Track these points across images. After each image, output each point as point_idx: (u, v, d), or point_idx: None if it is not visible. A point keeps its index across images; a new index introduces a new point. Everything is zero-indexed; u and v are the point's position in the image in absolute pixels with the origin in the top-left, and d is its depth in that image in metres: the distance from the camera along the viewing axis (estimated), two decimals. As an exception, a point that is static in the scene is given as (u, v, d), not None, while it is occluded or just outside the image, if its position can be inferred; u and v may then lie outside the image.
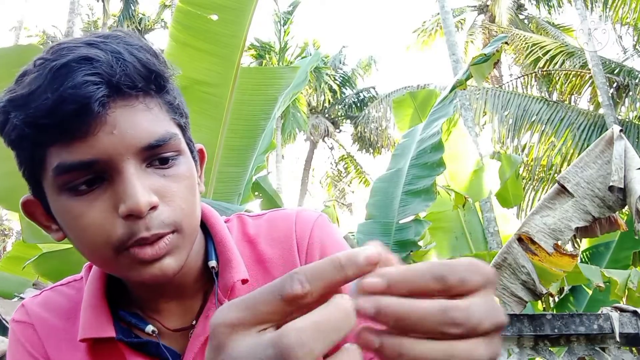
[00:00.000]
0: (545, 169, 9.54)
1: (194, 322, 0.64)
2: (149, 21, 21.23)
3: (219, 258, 0.65)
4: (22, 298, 3.00)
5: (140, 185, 0.53)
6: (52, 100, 0.50)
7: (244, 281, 0.64)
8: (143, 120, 0.54)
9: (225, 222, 0.70)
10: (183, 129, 0.60)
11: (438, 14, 11.65)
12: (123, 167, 0.53)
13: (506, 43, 2.98)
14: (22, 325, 0.66)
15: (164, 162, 0.56)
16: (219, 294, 0.63)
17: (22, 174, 0.59)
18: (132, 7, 20.05)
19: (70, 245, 3.16)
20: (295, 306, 0.32)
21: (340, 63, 19.94)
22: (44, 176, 0.56)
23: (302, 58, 17.37)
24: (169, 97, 0.59)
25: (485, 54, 2.94)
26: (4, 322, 2.63)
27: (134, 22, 20.15)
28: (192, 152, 0.62)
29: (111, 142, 0.52)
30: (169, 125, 0.57)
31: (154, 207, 0.54)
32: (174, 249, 0.56)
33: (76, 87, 0.50)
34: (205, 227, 0.68)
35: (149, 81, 0.55)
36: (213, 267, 0.64)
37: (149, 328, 0.62)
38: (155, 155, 0.55)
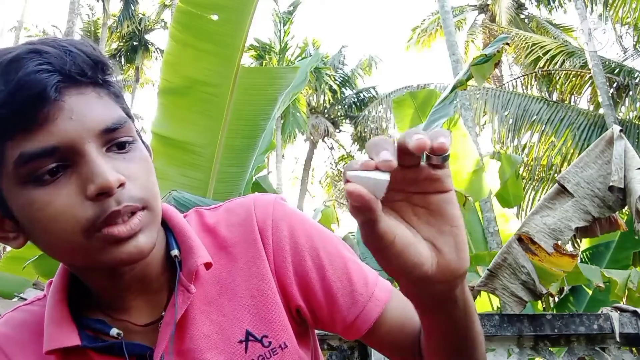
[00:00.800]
0: (545, 169, 9.54)
1: (163, 313, 0.64)
2: (149, 21, 21.23)
3: (181, 247, 0.66)
4: (22, 298, 2.99)
5: (106, 165, 0.55)
6: (7, 90, 0.52)
7: (208, 265, 0.65)
8: (97, 106, 0.57)
9: (184, 217, 0.72)
10: (132, 119, 0.62)
11: (438, 12, 11.65)
12: (85, 150, 0.54)
13: (507, 44, 2.98)
14: None
15: (122, 146, 0.58)
16: (183, 279, 0.63)
17: None
18: (132, 7, 20.05)
19: (70, 245, 3.16)
20: None
21: (340, 63, 19.93)
22: (2, 174, 0.56)
23: (302, 58, 17.39)
24: (114, 88, 0.61)
25: (486, 55, 2.95)
26: (4, 322, 2.62)
27: (134, 22, 20.15)
28: (143, 142, 0.64)
29: (71, 127, 0.54)
30: (119, 111, 0.59)
31: (122, 185, 0.55)
32: (146, 226, 0.57)
33: (30, 74, 0.52)
34: (164, 222, 0.68)
35: (96, 71, 0.58)
36: (176, 256, 0.65)
37: (114, 331, 0.62)
38: (113, 140, 0.57)
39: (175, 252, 0.65)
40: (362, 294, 0.67)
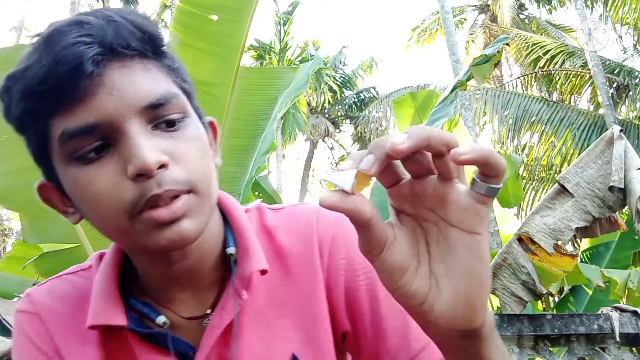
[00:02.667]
0: (545, 169, 9.54)
1: (209, 311, 0.62)
2: (149, 21, 21.19)
3: (238, 247, 0.62)
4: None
5: (147, 144, 0.51)
6: (47, 64, 0.50)
7: (263, 272, 0.61)
8: (142, 80, 0.53)
9: (245, 212, 0.68)
10: (188, 93, 0.58)
11: (438, 12, 11.66)
12: (126, 127, 0.51)
13: (507, 44, 2.98)
14: (27, 315, 0.64)
15: (171, 124, 0.54)
16: (236, 284, 0.60)
17: (34, 160, 0.58)
18: (132, 7, 20.05)
19: (70, 245, 3.16)
20: None
21: (340, 63, 19.93)
22: (51, 151, 0.54)
23: (303, 58, 17.41)
24: (167, 60, 0.57)
25: (486, 55, 2.95)
26: (4, 322, 2.63)
27: (134, 22, 20.13)
28: (200, 117, 0.60)
29: (111, 103, 0.51)
30: (170, 85, 0.55)
31: (163, 166, 0.51)
32: (192, 211, 0.53)
33: (67, 47, 0.49)
34: (223, 214, 0.65)
35: (144, 42, 0.54)
36: (231, 254, 0.61)
37: (160, 319, 0.59)
38: (159, 117, 0.53)
39: (231, 249, 0.62)
40: (416, 340, 0.61)
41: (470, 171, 0.38)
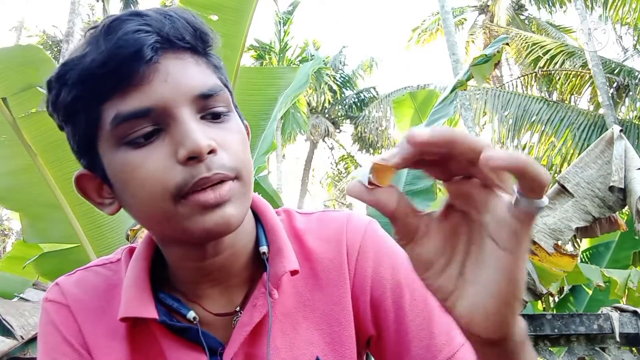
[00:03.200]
0: (545, 169, 9.52)
1: (238, 308, 0.63)
2: (149, 21, 21.23)
3: (270, 246, 0.64)
4: (22, 298, 2.99)
5: (199, 129, 0.53)
6: (107, 49, 0.52)
7: (294, 272, 0.62)
8: (194, 71, 0.56)
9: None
10: (230, 91, 0.61)
11: (438, 13, 11.66)
12: (179, 113, 0.53)
13: (507, 44, 2.98)
14: (56, 305, 0.64)
15: (217, 116, 0.57)
16: (268, 282, 0.61)
17: (73, 149, 0.60)
18: (132, 7, 20.05)
19: (70, 245, 3.16)
20: None
21: (340, 63, 19.93)
22: (99, 136, 0.56)
23: (303, 58, 17.41)
24: (213, 59, 0.60)
25: (486, 55, 2.94)
26: (4, 322, 2.63)
27: (134, 22, 20.16)
28: (240, 117, 0.62)
29: (166, 90, 0.53)
30: (217, 80, 0.58)
31: (213, 151, 0.53)
32: (236, 197, 0.55)
33: (129, 33, 0.52)
34: (255, 215, 0.67)
35: (196, 38, 0.57)
36: (264, 253, 0.63)
37: (191, 314, 0.60)
38: (208, 107, 0.56)
39: (264, 248, 0.63)
40: (440, 351, 0.61)
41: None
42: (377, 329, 0.64)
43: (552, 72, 10.32)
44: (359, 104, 19.51)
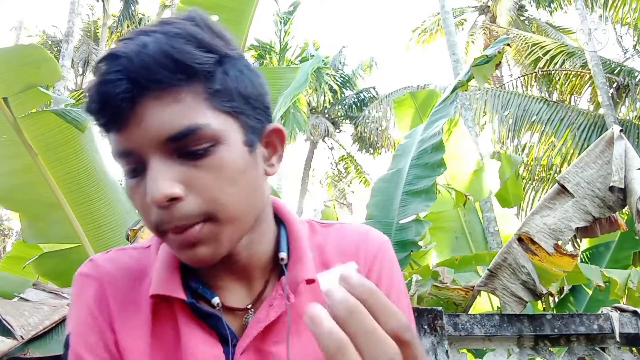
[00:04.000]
0: (545, 169, 9.53)
1: (249, 305, 0.66)
2: (149, 21, 21.21)
3: (291, 252, 0.67)
4: (22, 298, 2.99)
5: (161, 178, 0.54)
6: (91, 95, 0.56)
7: (310, 281, 0.65)
8: (167, 113, 0.54)
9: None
10: (237, 113, 0.59)
11: (438, 13, 11.65)
12: (148, 158, 0.56)
13: (508, 45, 2.98)
14: (90, 279, 0.67)
15: (194, 155, 0.56)
16: (285, 286, 0.64)
17: None
18: (132, 7, 20.04)
19: (70, 245, 3.16)
20: None
21: (340, 63, 19.93)
22: None
23: (303, 58, 17.40)
24: (210, 83, 0.56)
25: (487, 56, 2.94)
26: (4, 322, 2.63)
27: (134, 22, 20.14)
28: (247, 134, 0.60)
29: (138, 135, 0.55)
30: (201, 115, 0.55)
31: (177, 199, 0.55)
32: (207, 238, 0.57)
33: (101, 84, 0.54)
34: (278, 219, 0.70)
35: (174, 72, 0.54)
36: (282, 259, 0.66)
37: (215, 300, 0.64)
38: (182, 148, 0.55)
39: (283, 254, 0.66)
40: None
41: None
42: None
43: (552, 72, 10.31)
44: (358, 104, 19.50)
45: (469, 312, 2.26)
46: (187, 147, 0.55)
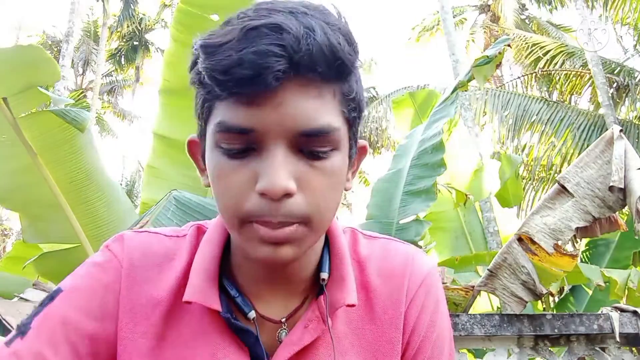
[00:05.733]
0: (545, 169, 9.54)
1: (284, 319, 0.63)
2: (149, 21, 21.22)
3: (332, 272, 0.64)
4: (22, 298, 2.99)
5: (283, 169, 0.52)
6: (233, 59, 0.50)
7: (350, 306, 0.62)
8: (310, 106, 0.53)
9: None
10: (351, 123, 0.58)
11: (438, 12, 11.65)
12: (273, 145, 0.52)
13: (509, 45, 2.98)
14: (111, 263, 0.64)
15: (315, 154, 0.54)
16: (323, 308, 0.62)
17: (194, 113, 0.60)
18: (132, 7, 20.04)
19: (70, 245, 3.16)
20: None
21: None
22: (208, 124, 0.57)
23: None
24: (346, 87, 0.56)
25: (487, 56, 2.94)
26: (4, 322, 2.63)
27: (134, 22, 20.15)
28: (351, 147, 0.59)
29: (272, 118, 0.52)
30: (335, 118, 0.55)
31: (289, 195, 0.52)
32: (296, 239, 0.55)
33: (258, 53, 0.49)
34: (325, 236, 0.67)
35: (331, 67, 0.52)
36: (323, 280, 0.63)
37: (252, 314, 0.61)
38: (308, 145, 0.54)
39: (325, 275, 0.63)
40: None
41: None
42: None
43: (552, 72, 10.31)
44: (359, 104, 19.48)
45: (469, 312, 2.26)
46: (313, 145, 0.54)
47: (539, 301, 3.40)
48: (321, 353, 0.62)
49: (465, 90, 5.37)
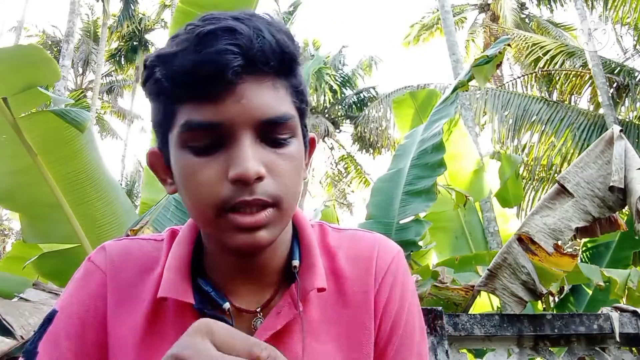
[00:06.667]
0: (545, 169, 9.53)
1: (259, 309, 0.66)
2: (149, 21, 21.22)
3: (302, 260, 0.67)
4: (22, 298, 2.99)
5: (252, 155, 0.56)
6: (193, 60, 0.55)
7: (321, 290, 0.66)
8: (268, 97, 0.58)
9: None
10: (302, 114, 0.63)
11: (437, 10, 11.64)
12: (241, 135, 0.57)
13: (509, 45, 2.97)
14: (95, 269, 0.68)
15: (277, 142, 0.59)
16: (295, 295, 0.65)
17: (152, 126, 0.65)
18: (132, 7, 20.04)
19: (70, 245, 3.16)
20: None
21: (340, 63, 19.92)
22: (171, 130, 0.60)
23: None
24: (295, 81, 0.62)
25: (487, 56, 2.94)
26: (4, 322, 2.63)
27: (134, 22, 20.14)
28: (305, 136, 0.65)
29: (236, 110, 0.56)
30: (290, 107, 0.60)
31: (260, 178, 0.57)
32: (271, 223, 0.58)
33: (217, 52, 0.55)
34: (293, 226, 0.70)
35: (281, 62, 0.58)
36: (295, 267, 0.66)
37: (226, 305, 0.63)
38: (271, 133, 0.58)
39: (296, 262, 0.67)
40: None
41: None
42: (384, 348, 0.69)
43: (552, 72, 10.31)
44: (358, 104, 19.50)
45: (469, 312, 2.26)
46: (275, 133, 0.58)
47: (539, 301, 3.41)
48: (295, 337, 0.64)
49: (466, 90, 5.36)
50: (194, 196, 0.59)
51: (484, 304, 3.85)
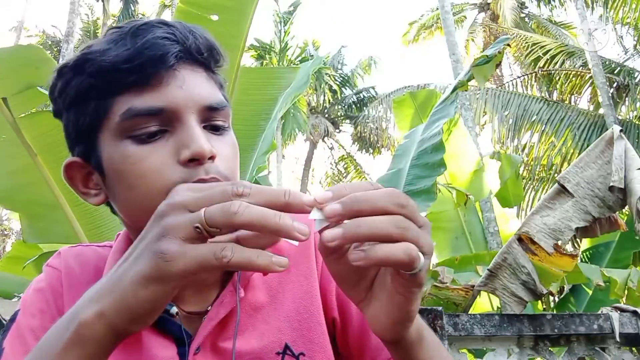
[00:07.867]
0: (545, 169, 9.54)
1: (209, 307, 0.66)
2: (149, 21, 21.21)
3: None
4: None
5: (204, 136, 0.58)
6: (133, 49, 0.57)
7: (264, 273, 0.66)
8: (205, 85, 0.62)
9: None
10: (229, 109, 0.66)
11: (437, 9, 11.64)
12: (187, 118, 0.58)
13: (508, 45, 2.97)
14: (52, 270, 0.70)
15: (217, 129, 0.62)
16: (236, 281, 0.65)
17: (70, 136, 0.64)
18: (132, 7, 20.05)
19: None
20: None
21: (339, 63, 19.92)
22: (104, 126, 0.60)
23: (303, 58, 17.40)
24: (221, 79, 0.66)
25: (487, 56, 2.93)
26: (4, 322, 2.63)
27: (134, 22, 20.12)
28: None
29: (180, 95, 0.58)
30: (222, 97, 0.64)
31: (212, 158, 0.58)
32: None
33: (156, 39, 0.57)
34: None
35: (212, 57, 0.63)
36: None
37: (174, 310, 0.64)
38: (212, 119, 0.61)
39: None
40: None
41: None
42: (342, 315, 0.68)
43: (552, 72, 10.31)
44: (358, 104, 19.51)
45: (469, 312, 2.26)
46: (216, 119, 0.61)
47: (539, 301, 3.41)
48: (246, 322, 0.65)
49: (465, 90, 5.36)
50: (140, 185, 0.57)
51: (484, 304, 3.85)
